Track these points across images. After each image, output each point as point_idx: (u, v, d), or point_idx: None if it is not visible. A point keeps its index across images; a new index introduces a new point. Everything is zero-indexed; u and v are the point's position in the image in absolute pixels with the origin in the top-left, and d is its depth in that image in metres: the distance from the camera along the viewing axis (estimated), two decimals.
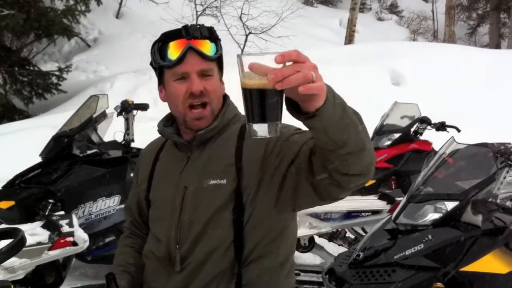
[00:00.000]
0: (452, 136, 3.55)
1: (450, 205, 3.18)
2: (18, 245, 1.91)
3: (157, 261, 1.81)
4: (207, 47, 1.70)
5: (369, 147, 1.44)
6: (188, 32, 1.68)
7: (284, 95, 1.24)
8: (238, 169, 1.69)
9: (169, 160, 1.86)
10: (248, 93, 1.22)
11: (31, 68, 12.10)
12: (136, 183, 1.99)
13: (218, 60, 1.77)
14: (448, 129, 5.60)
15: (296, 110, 1.29)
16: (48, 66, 13.50)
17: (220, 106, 1.79)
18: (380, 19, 25.88)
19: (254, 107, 1.22)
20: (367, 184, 5.54)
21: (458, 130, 5.47)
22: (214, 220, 1.70)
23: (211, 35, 1.71)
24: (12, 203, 4.17)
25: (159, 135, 1.91)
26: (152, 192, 1.88)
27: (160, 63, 1.72)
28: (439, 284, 3.04)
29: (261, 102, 1.21)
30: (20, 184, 4.31)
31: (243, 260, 1.70)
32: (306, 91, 1.20)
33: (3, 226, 3.87)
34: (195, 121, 1.74)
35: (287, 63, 1.19)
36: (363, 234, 4.74)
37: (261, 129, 1.23)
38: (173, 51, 1.69)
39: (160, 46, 1.72)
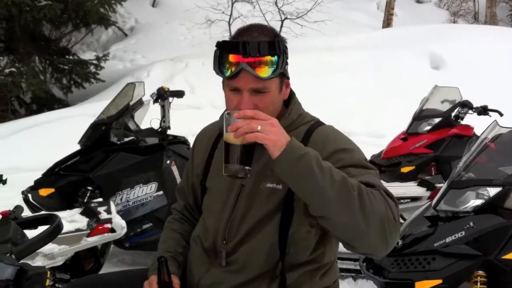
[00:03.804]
0: (495, 120, 3.43)
1: (492, 191, 3.08)
2: (55, 231, 1.91)
3: (203, 249, 1.84)
4: (264, 68, 1.64)
5: (365, 230, 1.52)
6: (245, 50, 1.61)
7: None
8: None
9: None
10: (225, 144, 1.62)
11: (70, 57, 12.28)
12: (191, 167, 2.00)
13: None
14: (490, 113, 5.42)
15: None
16: (87, 55, 13.70)
17: (277, 112, 1.78)
18: (419, 1, 25.33)
19: (225, 153, 1.61)
20: (405, 171, 5.41)
21: (501, 114, 5.30)
22: (263, 222, 1.73)
23: (271, 51, 1.64)
24: (52, 190, 4.23)
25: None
26: (209, 180, 1.90)
27: (216, 71, 1.69)
28: (480, 271, 2.97)
29: (226, 149, 1.60)
30: (60, 171, 4.36)
31: (287, 262, 1.73)
32: (250, 139, 1.53)
33: (43, 212, 3.94)
34: None
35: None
36: (402, 221, 4.66)
37: (227, 169, 1.59)
38: (228, 65, 1.65)
39: (219, 53, 1.67)
